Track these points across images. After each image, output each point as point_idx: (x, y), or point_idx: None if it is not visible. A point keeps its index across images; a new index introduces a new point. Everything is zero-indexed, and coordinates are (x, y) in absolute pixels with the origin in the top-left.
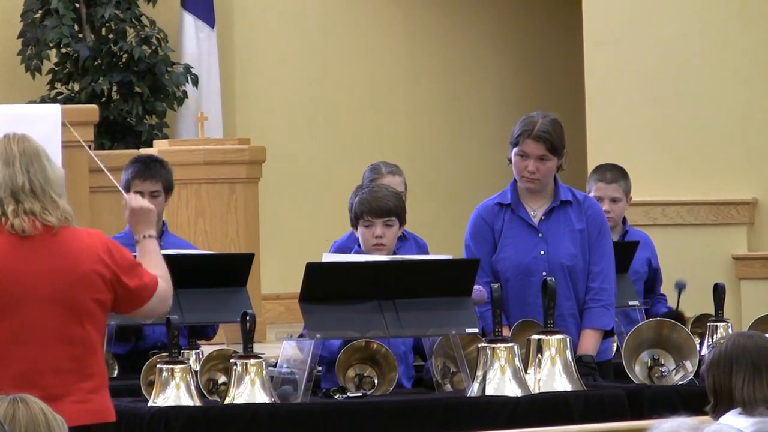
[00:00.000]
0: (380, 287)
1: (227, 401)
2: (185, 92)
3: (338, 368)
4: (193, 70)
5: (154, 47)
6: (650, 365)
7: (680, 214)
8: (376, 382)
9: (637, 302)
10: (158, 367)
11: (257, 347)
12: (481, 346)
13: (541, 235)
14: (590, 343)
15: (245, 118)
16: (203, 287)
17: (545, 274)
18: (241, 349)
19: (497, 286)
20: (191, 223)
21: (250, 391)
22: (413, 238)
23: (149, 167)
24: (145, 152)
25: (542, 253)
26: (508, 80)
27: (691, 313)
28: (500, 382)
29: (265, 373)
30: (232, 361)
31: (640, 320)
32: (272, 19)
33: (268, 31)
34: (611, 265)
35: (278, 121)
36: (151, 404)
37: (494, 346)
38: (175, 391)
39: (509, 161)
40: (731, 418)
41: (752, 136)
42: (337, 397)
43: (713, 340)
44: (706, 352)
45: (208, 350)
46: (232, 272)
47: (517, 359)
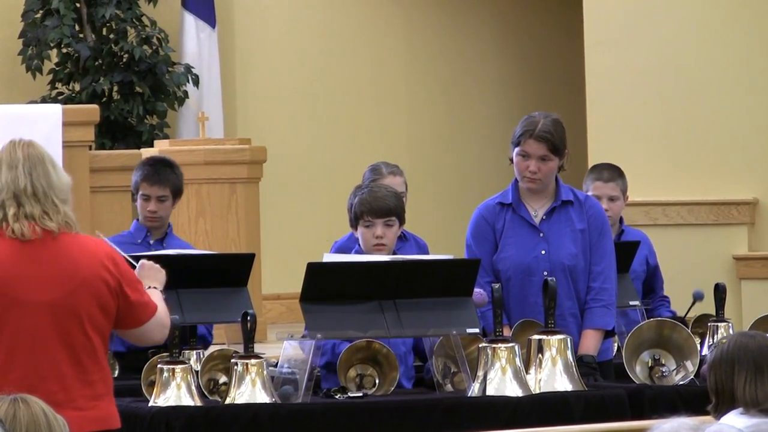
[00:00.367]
0: (381, 287)
1: (228, 401)
2: (186, 92)
3: (339, 368)
4: (193, 70)
5: (154, 47)
6: (651, 365)
7: (681, 214)
8: (377, 382)
9: (637, 302)
10: (159, 367)
11: (258, 347)
12: (481, 346)
13: (542, 234)
14: (591, 343)
15: (246, 118)
16: (204, 287)
17: (546, 273)
18: (241, 349)
19: (498, 285)
20: (192, 222)
21: (250, 391)
22: (413, 238)
23: (158, 171)
24: (156, 154)
25: (543, 252)
26: (508, 80)
27: (691, 313)
28: (501, 382)
29: (265, 373)
30: (232, 361)
31: (640, 320)
32: (273, 19)
33: (269, 31)
34: (612, 265)
35: (279, 121)
36: (151, 404)
37: (495, 346)
38: (175, 391)
39: (510, 161)
40: (733, 418)
41: (753, 136)
42: (338, 397)
43: (714, 340)
44: (706, 352)
45: (208, 350)
46: (232, 272)
47: (517, 359)
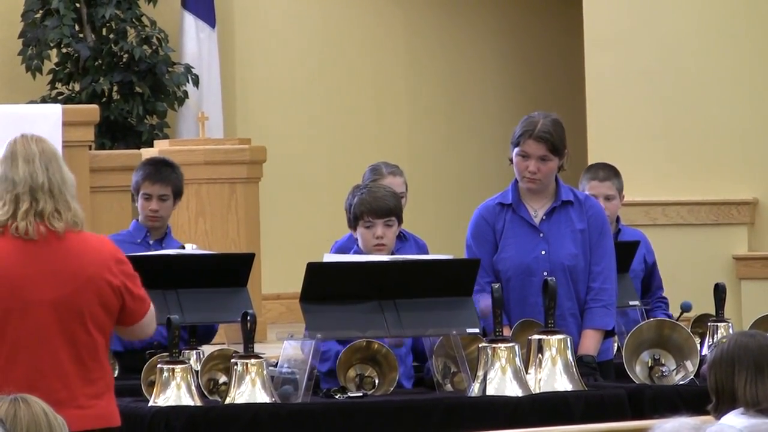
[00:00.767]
0: (381, 287)
1: (228, 401)
2: (186, 92)
3: (339, 368)
4: (193, 70)
5: (154, 47)
6: (651, 365)
7: (681, 214)
8: (376, 382)
9: (637, 302)
10: (159, 367)
11: (258, 347)
12: (481, 346)
13: (542, 235)
14: (591, 343)
15: (246, 118)
16: (204, 287)
17: (546, 274)
18: (241, 349)
19: (498, 286)
20: (192, 222)
21: (250, 391)
22: (413, 238)
23: (160, 171)
24: (157, 155)
25: (543, 253)
26: (508, 80)
27: (691, 313)
28: (501, 382)
29: (265, 373)
30: (232, 361)
31: (640, 320)
32: (273, 19)
33: (268, 31)
34: (612, 265)
35: (279, 121)
36: (151, 404)
37: (495, 346)
38: (175, 391)
39: (510, 161)
40: (733, 418)
41: (753, 136)
42: (337, 397)
43: (714, 340)
44: (706, 352)
45: (208, 350)
46: (232, 272)
47: (517, 359)
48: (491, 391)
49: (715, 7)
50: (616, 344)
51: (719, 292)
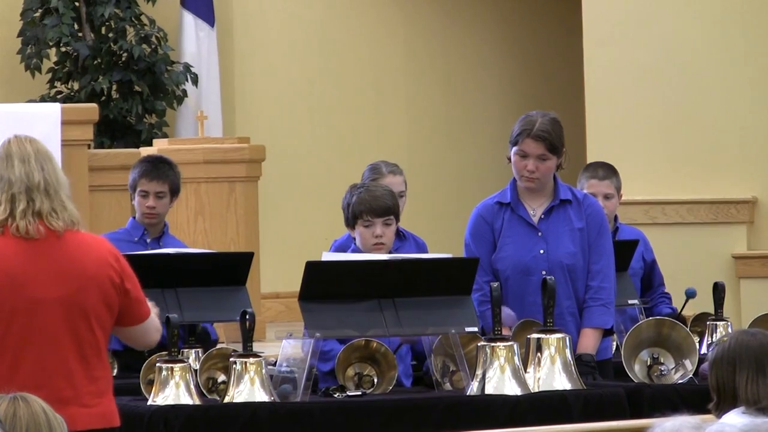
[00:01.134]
0: (380, 286)
1: (227, 400)
2: (185, 91)
3: (338, 367)
4: (192, 69)
5: (153, 46)
6: (650, 364)
7: (680, 213)
8: (375, 380)
9: (636, 301)
10: (158, 365)
11: (257, 346)
12: (480, 344)
13: (540, 234)
14: (590, 342)
15: (245, 117)
16: (203, 286)
17: (545, 273)
18: (240, 347)
19: (497, 285)
20: (191, 221)
21: (249, 389)
22: (412, 237)
23: (157, 168)
24: (154, 153)
25: (542, 252)
26: (508, 79)
27: (690, 312)
28: (499, 380)
29: (264, 371)
30: (231, 359)
31: (639, 319)
32: (272, 18)
33: (267, 30)
34: (611, 263)
35: (278, 120)
36: (150, 403)
37: (494, 344)
38: (174, 389)
39: (508, 160)
40: (734, 416)
41: (752, 134)
42: (336, 395)
43: (713, 339)
44: (705, 350)
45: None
46: (231, 271)
47: (516, 358)
48: (490, 389)
49: (714, 5)
50: (615, 343)
51: (718, 290)
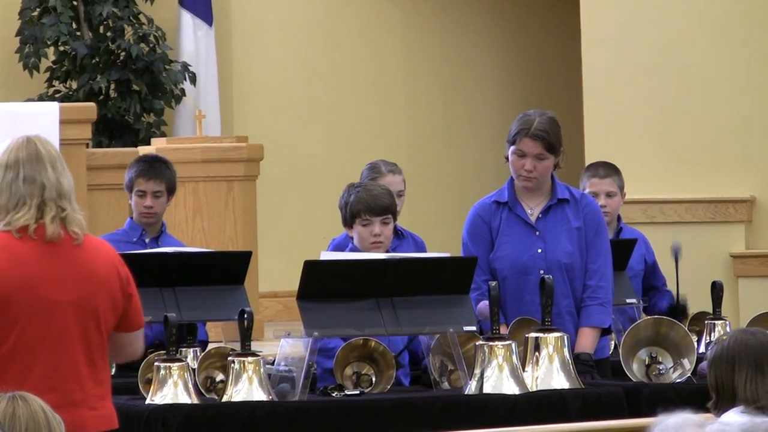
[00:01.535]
0: (378, 285)
1: (225, 399)
2: (183, 90)
3: (336, 366)
4: (190, 68)
5: (151, 45)
6: (648, 363)
7: (678, 212)
8: (373, 380)
9: (635, 300)
10: (156, 364)
11: (255, 345)
12: (478, 343)
13: (538, 233)
14: (588, 341)
15: (243, 115)
16: (201, 285)
17: (543, 272)
18: (238, 346)
19: (495, 284)
20: (189, 220)
21: (247, 388)
22: (411, 236)
23: (154, 167)
24: (150, 152)
25: (539, 251)
26: (506, 78)
27: (690, 310)
28: (498, 380)
29: (262, 371)
30: (229, 358)
31: (638, 318)
32: (270, 17)
33: (266, 28)
34: (608, 262)
35: (276, 118)
36: (148, 402)
37: (492, 344)
38: (172, 388)
39: (506, 159)
40: (733, 416)
41: (750, 133)
42: (334, 394)
43: (711, 338)
44: (703, 349)
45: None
46: (230, 270)
47: (514, 357)
48: (488, 389)
49: (712, 4)
50: (613, 342)
51: (716, 290)
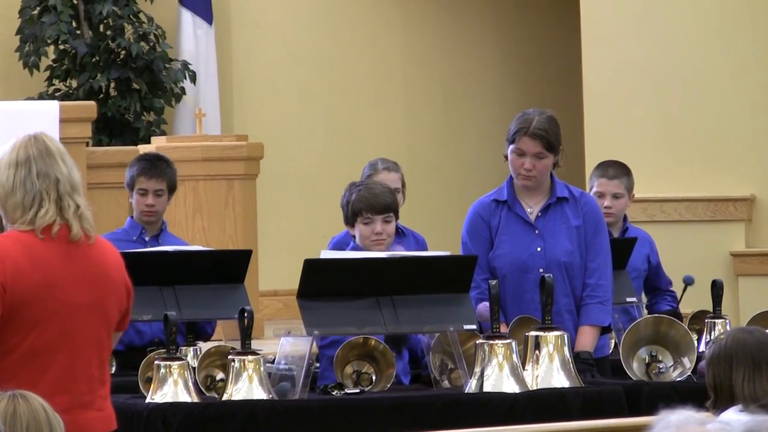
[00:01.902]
0: (378, 284)
1: (225, 398)
2: (183, 89)
3: (336, 365)
4: (190, 66)
5: (151, 44)
6: (648, 362)
7: (678, 210)
8: (373, 378)
9: (634, 299)
10: (156, 363)
11: (255, 344)
12: (478, 342)
13: (537, 231)
14: (587, 339)
15: (243, 114)
16: (201, 283)
17: (542, 270)
18: (239, 345)
19: (495, 282)
20: (189, 219)
21: (247, 387)
22: (412, 234)
23: (155, 165)
24: (150, 150)
25: (539, 249)
26: (506, 77)
27: (689, 309)
28: (498, 378)
29: (262, 369)
30: (229, 357)
31: (638, 317)
32: (270, 15)
33: (266, 27)
34: (608, 261)
35: (276, 117)
36: (148, 401)
37: (492, 342)
38: (172, 387)
39: (505, 158)
40: (732, 415)
41: (750, 132)
42: (334, 393)
43: (711, 336)
44: (704, 348)
45: (205, 347)
46: (230, 269)
47: (514, 356)
48: (488, 387)
49: (713, 4)
50: (613, 341)
51: (716, 288)
